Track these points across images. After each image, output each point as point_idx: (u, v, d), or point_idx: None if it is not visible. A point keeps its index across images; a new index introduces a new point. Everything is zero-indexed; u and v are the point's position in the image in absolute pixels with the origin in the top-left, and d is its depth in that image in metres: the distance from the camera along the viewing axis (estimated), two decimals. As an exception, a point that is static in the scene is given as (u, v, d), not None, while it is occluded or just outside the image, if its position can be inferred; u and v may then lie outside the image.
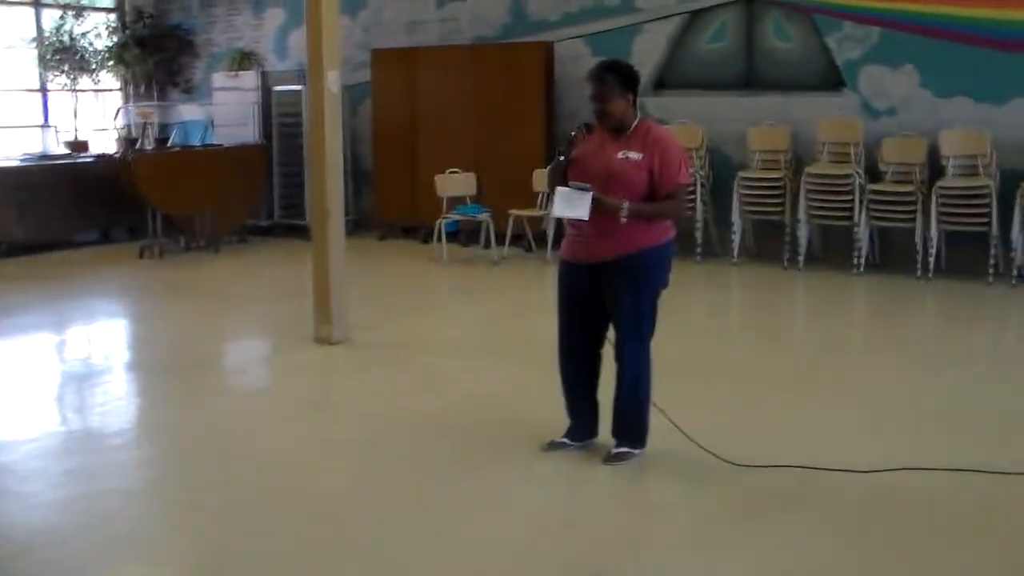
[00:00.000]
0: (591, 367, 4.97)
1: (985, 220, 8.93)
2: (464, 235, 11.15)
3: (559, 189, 4.64)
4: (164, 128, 13.72)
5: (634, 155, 4.67)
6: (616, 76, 4.68)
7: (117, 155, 11.84)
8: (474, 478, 4.77)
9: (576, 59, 11.00)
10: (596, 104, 4.71)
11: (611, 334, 4.90)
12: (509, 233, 10.48)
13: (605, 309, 4.85)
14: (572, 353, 4.94)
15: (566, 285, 4.90)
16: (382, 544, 4.08)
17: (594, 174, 4.66)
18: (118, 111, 13.84)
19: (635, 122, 4.74)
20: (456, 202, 10.62)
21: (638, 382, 4.86)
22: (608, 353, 4.93)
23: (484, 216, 10.44)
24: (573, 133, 4.77)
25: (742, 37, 10.39)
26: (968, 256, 9.30)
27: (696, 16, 10.58)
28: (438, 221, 10.42)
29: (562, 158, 4.76)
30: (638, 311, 4.78)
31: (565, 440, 5.00)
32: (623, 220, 4.60)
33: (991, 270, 8.93)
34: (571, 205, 4.58)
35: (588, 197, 4.55)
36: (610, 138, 4.74)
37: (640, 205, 4.65)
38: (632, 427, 4.91)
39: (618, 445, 4.91)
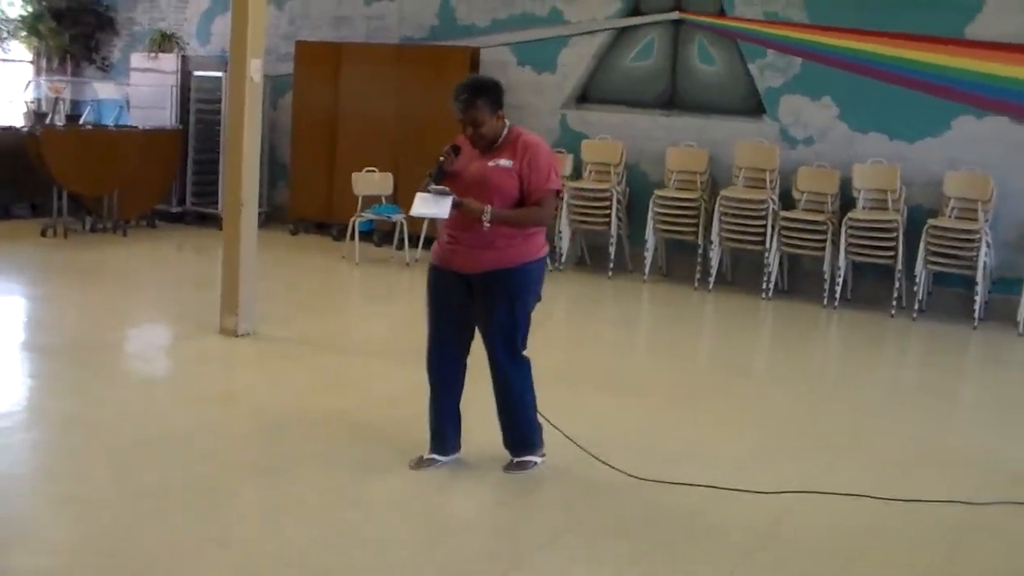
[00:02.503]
0: (460, 377, 4.88)
1: (891, 254, 9.14)
2: (378, 235, 11.06)
3: (419, 194, 4.55)
4: (76, 105, 13.39)
5: (504, 162, 4.63)
6: (487, 99, 4.60)
7: (25, 129, 11.51)
8: (374, 479, 4.71)
9: (503, 66, 10.99)
10: (470, 130, 4.63)
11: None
12: (423, 235, 10.41)
13: (472, 323, 4.80)
14: (444, 362, 4.84)
15: (440, 293, 4.80)
16: (277, 542, 4.00)
17: (468, 184, 4.60)
18: (28, 84, 13.46)
19: (505, 131, 4.70)
20: (372, 201, 10.53)
21: (523, 395, 4.84)
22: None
23: (399, 217, 10.36)
24: (442, 158, 4.64)
25: (667, 57, 10.48)
26: (873, 288, 9.51)
27: (623, 33, 10.65)
28: (352, 219, 10.32)
29: (431, 185, 4.56)
30: (514, 324, 4.74)
31: (434, 456, 4.89)
32: (486, 225, 4.54)
33: (894, 303, 9.14)
34: (431, 205, 4.51)
35: (448, 200, 4.49)
36: (482, 150, 4.69)
37: (504, 211, 4.60)
38: (526, 439, 4.90)
39: (518, 455, 4.90)
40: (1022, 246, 9.07)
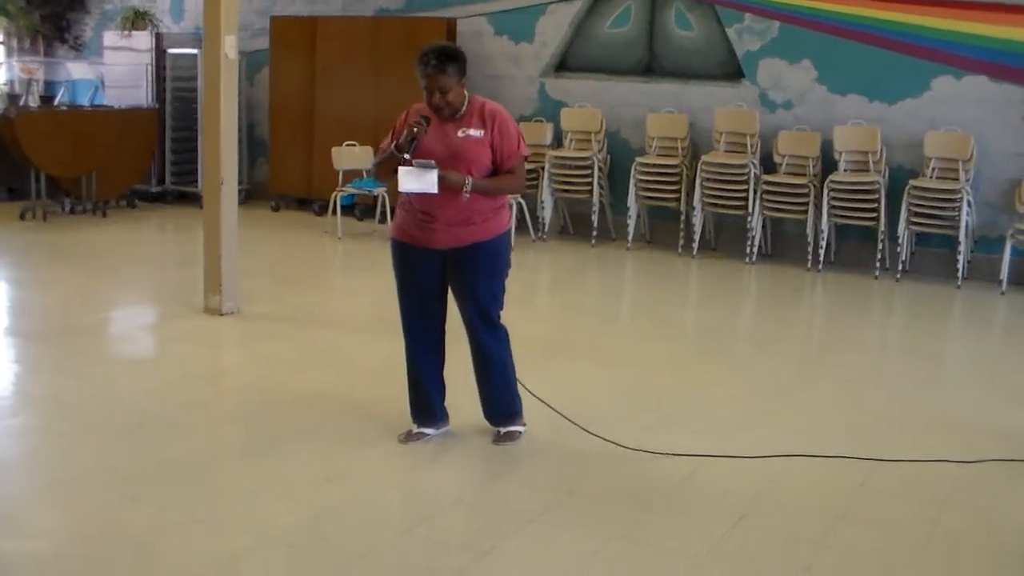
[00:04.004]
0: (441, 349, 4.88)
1: (874, 215, 9.15)
2: (359, 209, 11.02)
3: (402, 168, 4.45)
4: (50, 86, 13.27)
5: (474, 132, 4.59)
6: (456, 65, 4.51)
7: (-2, 112, 11.40)
8: (362, 455, 4.70)
9: (479, 36, 10.93)
10: (438, 97, 4.52)
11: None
12: (405, 209, 10.37)
13: (446, 293, 4.79)
14: (424, 337, 4.81)
15: (413, 270, 4.74)
16: (266, 520, 3.99)
17: (439, 157, 4.51)
18: (0, 66, 13.33)
19: (467, 99, 4.65)
20: (352, 175, 10.49)
21: (506, 367, 4.85)
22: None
23: (380, 191, 10.32)
24: (415, 129, 4.49)
25: (645, 23, 10.43)
26: (857, 250, 9.53)
27: (600, 0, 10.59)
28: (333, 194, 10.28)
29: (406, 156, 4.45)
30: (492, 296, 4.74)
31: (424, 430, 4.90)
32: (466, 196, 4.52)
33: (878, 264, 9.17)
34: (418, 180, 4.43)
35: (434, 172, 4.42)
36: (446, 119, 4.63)
37: (483, 180, 4.58)
38: (511, 408, 4.91)
39: (504, 426, 4.91)
40: (1003, 205, 9.10)
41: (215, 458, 4.73)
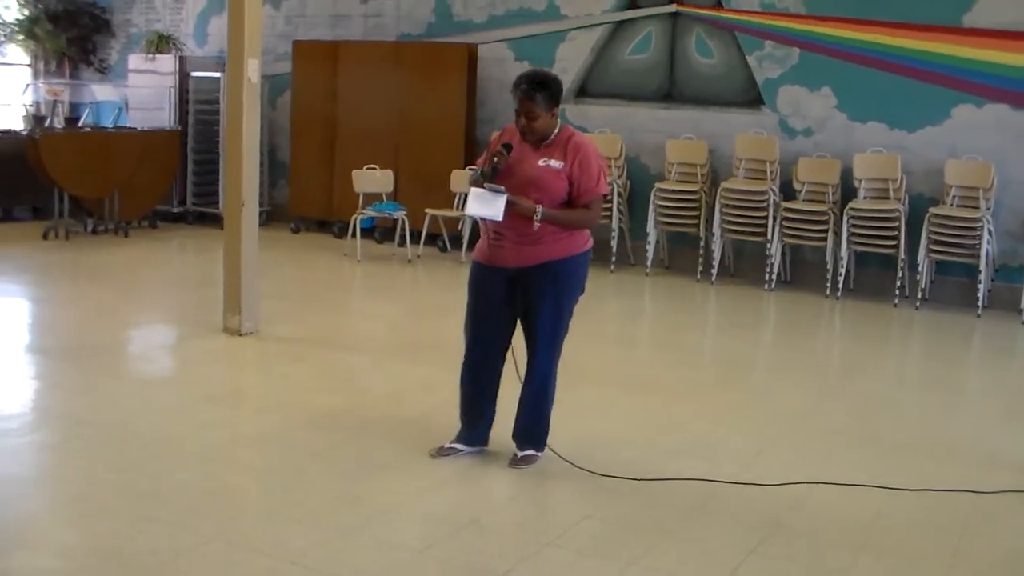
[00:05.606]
0: (498, 374, 4.91)
1: (893, 243, 9.13)
2: (379, 232, 11.06)
3: (473, 190, 4.56)
4: (75, 108, 13.39)
5: (555, 163, 4.64)
6: (546, 94, 4.60)
7: (24, 132, 11.50)
8: (378, 477, 4.71)
9: (500, 62, 10.99)
10: (523, 121, 4.62)
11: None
12: (424, 232, 10.42)
13: (516, 315, 4.82)
14: (483, 359, 4.86)
15: (483, 290, 4.82)
16: (282, 542, 4.00)
17: (518, 183, 4.59)
18: (27, 87, 13.46)
19: (557, 129, 4.71)
20: (372, 199, 10.53)
21: (546, 390, 4.86)
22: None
23: (400, 214, 10.36)
24: (496, 160, 4.59)
25: (665, 50, 10.47)
26: (876, 277, 9.51)
27: (621, 26, 10.64)
28: (353, 217, 10.33)
29: (483, 179, 4.55)
30: (558, 317, 4.77)
31: (456, 446, 4.93)
32: (536, 225, 4.57)
33: (897, 292, 9.14)
34: (486, 205, 4.52)
35: (503, 199, 4.49)
36: (531, 146, 4.69)
37: (554, 211, 4.62)
38: (540, 434, 4.91)
39: (523, 449, 4.90)
40: (1024, 233, 9.07)
41: (234, 478, 4.74)
